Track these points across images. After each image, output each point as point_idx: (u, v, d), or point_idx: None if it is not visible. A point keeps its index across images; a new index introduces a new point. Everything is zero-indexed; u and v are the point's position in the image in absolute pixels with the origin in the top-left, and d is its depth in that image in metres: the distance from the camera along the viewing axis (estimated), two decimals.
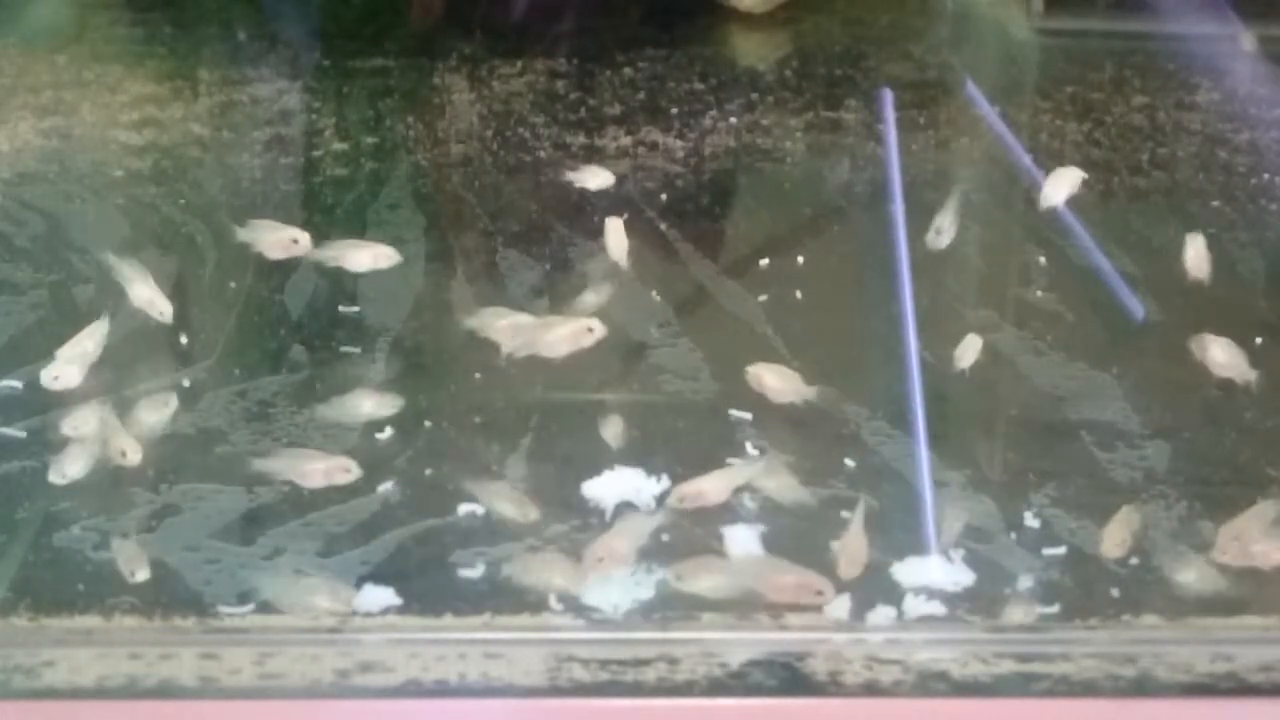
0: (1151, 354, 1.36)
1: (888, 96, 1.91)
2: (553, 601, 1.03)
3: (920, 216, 1.55)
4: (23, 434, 1.21)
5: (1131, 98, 1.94)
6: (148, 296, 1.35)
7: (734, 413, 1.25)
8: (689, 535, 1.10)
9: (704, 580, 1.04)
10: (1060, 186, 1.57)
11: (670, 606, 1.03)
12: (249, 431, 1.22)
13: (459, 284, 1.47)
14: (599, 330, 1.29)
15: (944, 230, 1.23)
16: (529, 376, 1.30)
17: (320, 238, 1.46)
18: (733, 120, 1.86)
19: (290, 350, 1.34)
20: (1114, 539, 1.09)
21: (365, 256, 1.41)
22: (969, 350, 1.33)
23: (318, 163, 1.72)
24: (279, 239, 1.41)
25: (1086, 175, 1.53)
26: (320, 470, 1.15)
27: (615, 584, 1.04)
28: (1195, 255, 1.46)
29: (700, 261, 1.52)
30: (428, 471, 1.17)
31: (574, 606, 1.03)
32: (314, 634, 1.00)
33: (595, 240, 1.53)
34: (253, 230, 1.43)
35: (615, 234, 1.51)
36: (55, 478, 1.15)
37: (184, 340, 1.36)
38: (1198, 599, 1.05)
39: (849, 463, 1.19)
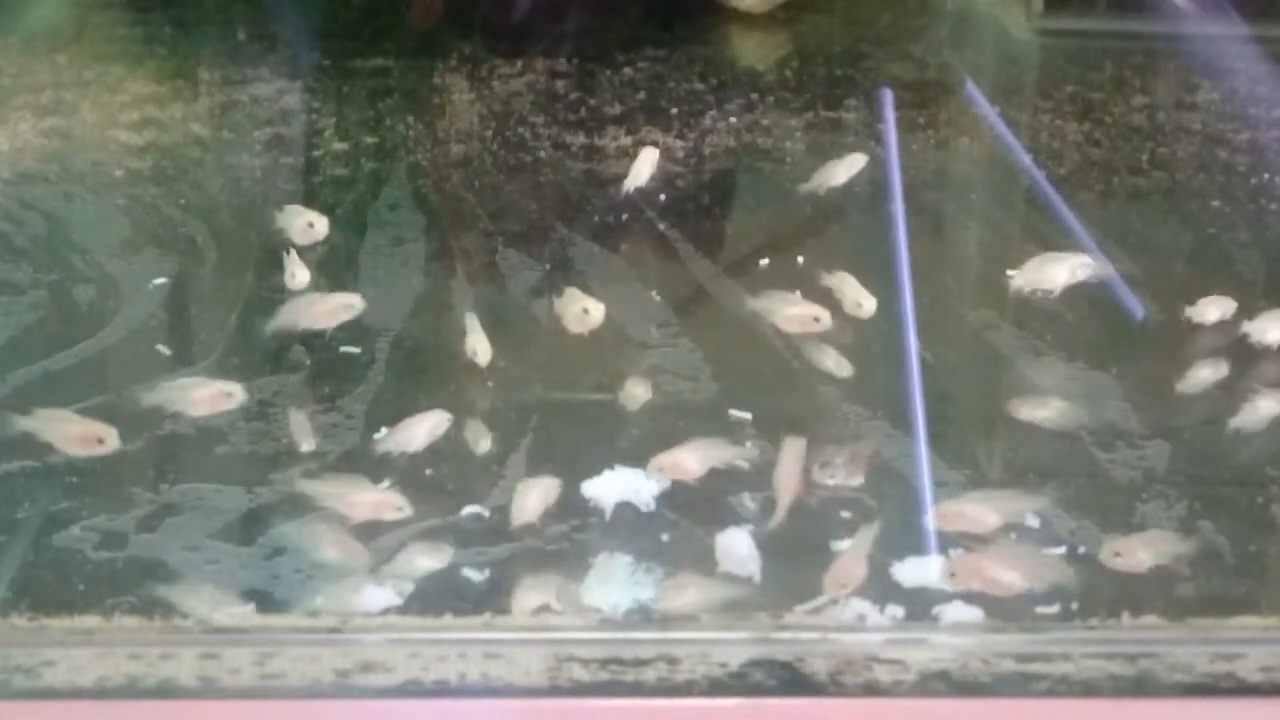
0: (1151, 354, 1.36)
1: (888, 96, 1.91)
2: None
3: (920, 216, 1.55)
4: None
5: (1131, 98, 1.94)
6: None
7: (734, 413, 1.25)
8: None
9: (692, 593, 1.04)
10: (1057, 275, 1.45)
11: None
12: (249, 431, 1.22)
13: (459, 284, 1.47)
14: (825, 319, 1.34)
15: (837, 470, 1.20)
16: (529, 376, 1.30)
17: None
18: (733, 120, 1.85)
19: (290, 350, 1.34)
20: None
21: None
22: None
23: (318, 163, 1.72)
24: (298, 224, 1.49)
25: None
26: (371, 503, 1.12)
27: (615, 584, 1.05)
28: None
29: (700, 261, 1.52)
30: (427, 471, 1.17)
31: None
32: (314, 634, 1.00)
33: (595, 240, 1.53)
34: (285, 215, 1.51)
35: (646, 160, 1.62)
36: None
37: (183, 340, 1.36)
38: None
39: None
